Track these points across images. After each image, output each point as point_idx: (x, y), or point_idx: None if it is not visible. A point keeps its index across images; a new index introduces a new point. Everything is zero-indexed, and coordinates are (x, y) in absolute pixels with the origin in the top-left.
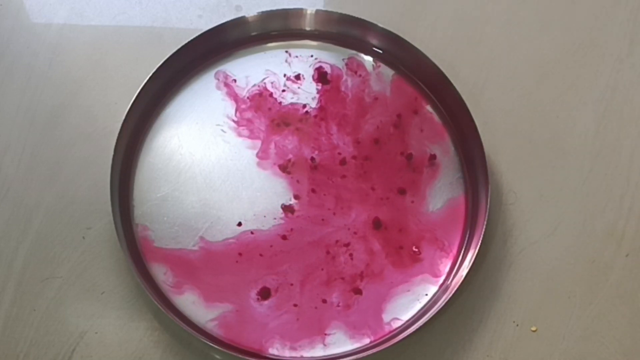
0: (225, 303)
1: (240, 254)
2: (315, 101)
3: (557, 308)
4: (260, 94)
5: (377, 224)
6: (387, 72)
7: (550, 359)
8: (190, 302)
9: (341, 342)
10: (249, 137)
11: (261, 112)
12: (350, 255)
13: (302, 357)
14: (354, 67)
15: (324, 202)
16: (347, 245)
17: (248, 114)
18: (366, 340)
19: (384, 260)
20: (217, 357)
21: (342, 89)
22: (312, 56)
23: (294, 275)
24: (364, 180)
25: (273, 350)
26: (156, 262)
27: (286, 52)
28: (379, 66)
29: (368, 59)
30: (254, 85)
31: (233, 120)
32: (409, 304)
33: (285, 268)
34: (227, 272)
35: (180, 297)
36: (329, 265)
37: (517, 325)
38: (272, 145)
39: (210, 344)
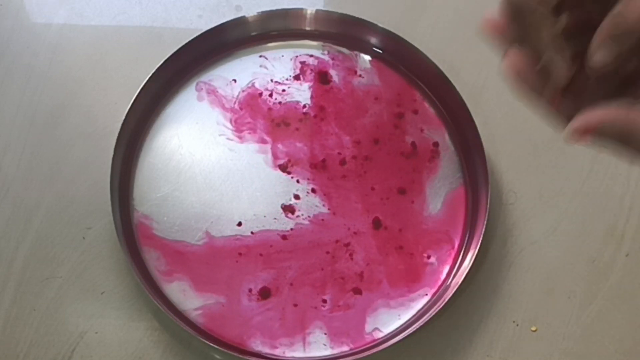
0: (216, 295)
1: (240, 254)
2: (313, 100)
3: (557, 308)
4: (260, 94)
5: (377, 224)
6: (365, 58)
7: (550, 359)
8: (179, 290)
9: (321, 345)
10: (249, 138)
11: (261, 113)
12: (350, 255)
13: (290, 356)
14: (338, 59)
15: (324, 202)
16: (347, 245)
17: (247, 115)
18: (345, 348)
19: (384, 260)
20: (217, 357)
21: (332, 82)
22: (311, 56)
23: (294, 275)
24: (364, 180)
25: (252, 346)
26: (151, 248)
27: (283, 52)
28: (357, 55)
29: (345, 49)
30: (252, 85)
31: (233, 120)
32: (407, 304)
33: (285, 268)
34: (225, 270)
35: (170, 285)
36: (328, 265)
37: (517, 325)
38: (274, 146)
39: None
